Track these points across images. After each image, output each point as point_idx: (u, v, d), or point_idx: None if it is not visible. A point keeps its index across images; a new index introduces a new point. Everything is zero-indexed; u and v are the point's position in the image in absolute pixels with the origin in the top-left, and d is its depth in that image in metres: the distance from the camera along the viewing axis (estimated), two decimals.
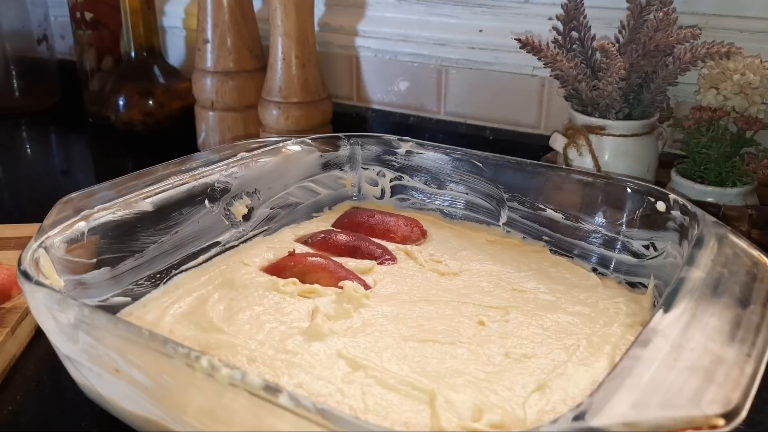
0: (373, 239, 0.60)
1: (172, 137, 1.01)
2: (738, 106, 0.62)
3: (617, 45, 0.65)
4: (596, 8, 0.70)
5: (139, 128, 1.01)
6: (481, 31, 0.86)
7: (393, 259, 0.58)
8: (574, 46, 0.68)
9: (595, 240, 0.57)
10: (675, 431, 0.29)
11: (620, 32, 0.68)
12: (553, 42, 0.67)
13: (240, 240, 0.60)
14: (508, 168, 0.62)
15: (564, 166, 0.67)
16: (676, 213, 0.52)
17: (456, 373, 0.42)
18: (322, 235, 0.60)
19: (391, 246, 0.59)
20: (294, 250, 0.57)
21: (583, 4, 0.67)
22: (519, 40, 0.66)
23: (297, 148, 0.65)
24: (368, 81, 0.97)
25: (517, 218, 0.62)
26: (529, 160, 0.61)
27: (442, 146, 0.66)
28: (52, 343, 0.41)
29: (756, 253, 0.44)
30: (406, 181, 0.68)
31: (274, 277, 0.53)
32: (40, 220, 0.46)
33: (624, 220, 0.56)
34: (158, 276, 0.53)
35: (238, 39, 0.90)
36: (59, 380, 0.47)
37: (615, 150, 0.66)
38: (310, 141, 0.66)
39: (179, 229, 0.55)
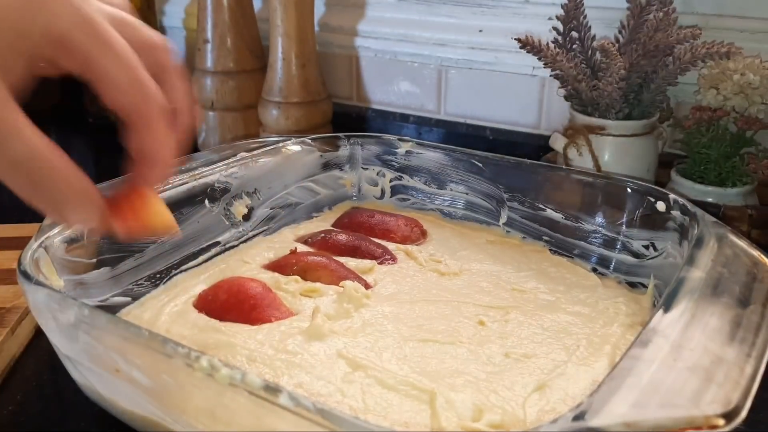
0: (373, 239, 0.60)
1: None
2: (738, 106, 0.62)
3: (617, 45, 0.65)
4: (596, 8, 0.71)
5: None
6: (481, 31, 0.86)
7: (393, 259, 0.58)
8: (574, 46, 0.68)
9: (595, 240, 0.57)
10: (675, 431, 0.29)
11: (620, 32, 0.68)
12: (553, 42, 0.67)
13: (240, 240, 0.60)
14: (508, 168, 0.62)
15: (564, 166, 0.67)
16: (676, 213, 0.52)
17: (456, 373, 0.42)
18: (322, 234, 0.60)
19: (391, 246, 0.59)
20: (296, 248, 0.57)
21: (583, 4, 0.67)
22: (519, 40, 0.66)
23: (297, 148, 0.65)
24: (368, 81, 0.97)
25: (517, 218, 0.62)
26: (529, 160, 0.61)
27: (442, 146, 0.66)
28: (52, 343, 0.41)
29: (756, 253, 0.44)
30: (406, 181, 0.68)
31: (276, 275, 0.53)
32: (40, 220, 0.46)
33: (624, 220, 0.56)
34: (158, 276, 0.53)
35: (238, 39, 0.90)
36: (59, 380, 0.47)
37: (615, 150, 0.66)
38: (310, 141, 0.66)
39: (179, 228, 0.55)
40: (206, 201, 0.57)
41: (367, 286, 0.52)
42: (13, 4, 0.29)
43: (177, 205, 0.54)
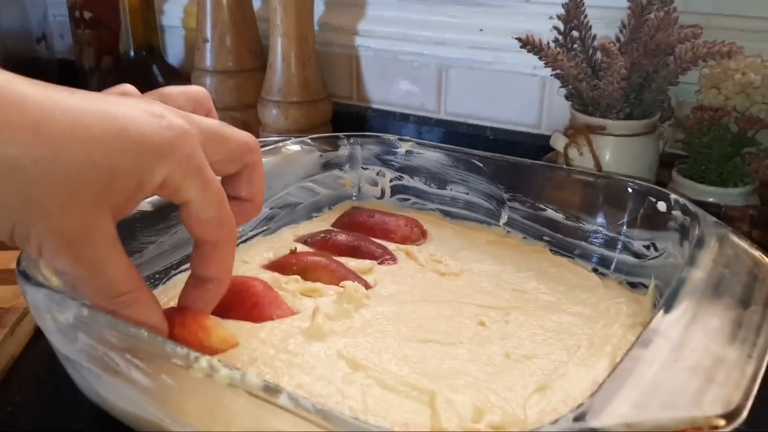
0: (373, 239, 0.60)
1: None
2: (739, 106, 0.62)
3: (618, 44, 0.65)
4: (597, 8, 0.70)
5: None
6: (481, 30, 0.86)
7: (393, 259, 0.57)
8: (575, 45, 0.68)
9: (595, 240, 0.57)
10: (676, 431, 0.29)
11: (621, 32, 0.68)
12: (553, 41, 0.67)
13: (240, 240, 0.60)
14: (509, 168, 0.62)
15: (564, 166, 0.67)
16: (677, 213, 0.51)
17: (456, 373, 0.42)
18: (322, 235, 0.60)
19: (391, 246, 0.59)
20: (296, 248, 0.57)
21: (583, 3, 0.67)
22: (520, 39, 0.66)
23: (297, 147, 0.64)
24: (368, 80, 0.97)
25: (517, 218, 0.62)
26: (529, 160, 0.61)
27: (442, 146, 0.66)
28: (51, 344, 0.41)
29: (757, 253, 0.44)
30: (406, 181, 0.68)
31: (276, 275, 0.53)
32: None
33: (625, 220, 0.56)
34: (157, 276, 0.53)
35: (238, 38, 0.90)
36: (58, 381, 0.46)
37: (616, 150, 0.66)
38: (309, 141, 0.66)
39: (178, 229, 0.54)
40: None
41: (367, 286, 0.52)
42: (134, 158, 0.32)
43: (176, 205, 0.54)
